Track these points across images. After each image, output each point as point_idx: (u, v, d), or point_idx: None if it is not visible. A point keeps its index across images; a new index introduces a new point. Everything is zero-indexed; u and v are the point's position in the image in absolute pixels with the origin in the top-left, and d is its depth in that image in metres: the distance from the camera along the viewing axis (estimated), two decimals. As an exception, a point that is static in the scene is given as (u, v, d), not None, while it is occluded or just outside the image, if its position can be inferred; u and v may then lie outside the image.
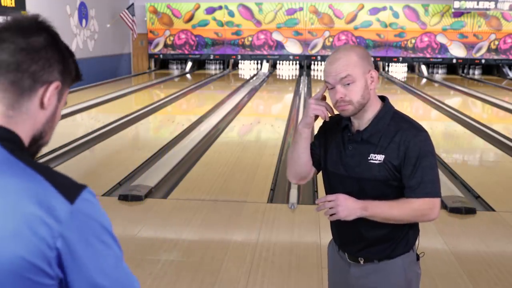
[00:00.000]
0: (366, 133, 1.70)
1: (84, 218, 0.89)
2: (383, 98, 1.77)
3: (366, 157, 1.68)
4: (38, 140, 1.00)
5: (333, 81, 1.68)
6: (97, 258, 0.90)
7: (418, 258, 1.81)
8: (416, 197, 1.63)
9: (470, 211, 4.25)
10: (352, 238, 1.77)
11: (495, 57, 16.96)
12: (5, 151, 0.90)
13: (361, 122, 1.72)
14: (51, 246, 0.85)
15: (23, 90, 0.95)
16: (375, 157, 1.67)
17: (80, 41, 13.36)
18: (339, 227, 1.82)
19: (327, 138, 1.83)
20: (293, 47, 17.27)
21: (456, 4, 16.10)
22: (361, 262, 1.77)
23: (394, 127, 1.68)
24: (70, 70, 1.03)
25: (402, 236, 1.73)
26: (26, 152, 0.97)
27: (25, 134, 0.96)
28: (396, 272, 1.75)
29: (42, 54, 0.96)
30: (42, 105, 0.97)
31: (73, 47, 11.23)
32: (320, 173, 1.88)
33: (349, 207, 1.60)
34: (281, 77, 16.41)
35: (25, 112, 0.96)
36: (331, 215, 1.64)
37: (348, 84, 1.66)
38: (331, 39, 17.09)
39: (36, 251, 0.84)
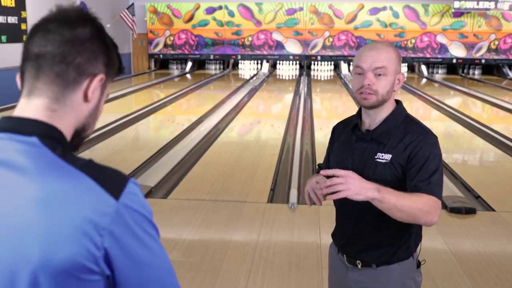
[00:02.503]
0: (376, 132, 1.70)
1: (130, 212, 0.90)
2: (397, 101, 1.77)
3: (373, 156, 1.68)
4: (81, 133, 1.00)
5: (367, 67, 1.65)
6: (144, 250, 0.91)
7: (419, 265, 1.78)
8: (424, 193, 1.59)
9: (470, 211, 4.25)
10: (353, 239, 1.76)
11: (495, 57, 16.96)
12: (47, 150, 0.90)
13: (373, 122, 1.72)
14: (99, 246, 0.87)
15: (68, 82, 0.93)
16: (382, 156, 1.66)
17: (80, 41, 13.35)
18: (341, 225, 1.82)
19: (337, 140, 1.85)
20: (293, 47, 17.27)
21: (456, 4, 16.10)
22: (359, 266, 1.75)
23: (404, 129, 1.68)
24: (114, 63, 1.02)
25: (403, 241, 1.71)
26: (69, 146, 0.96)
27: (68, 127, 0.96)
28: (393, 279, 1.72)
29: (88, 46, 0.95)
30: (86, 97, 0.96)
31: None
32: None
33: (361, 184, 1.50)
34: (281, 77, 16.41)
35: (70, 105, 0.95)
36: (336, 193, 1.50)
37: (380, 75, 1.65)
38: (331, 39, 17.09)
39: (85, 252, 0.85)
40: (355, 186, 1.48)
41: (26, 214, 0.85)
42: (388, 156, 1.65)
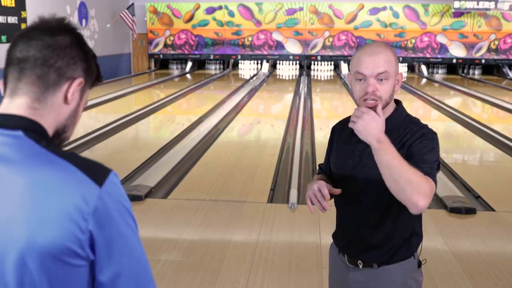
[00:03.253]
0: None
1: (112, 200, 0.95)
2: (396, 101, 1.76)
3: (373, 157, 1.64)
4: (61, 134, 1.06)
5: (369, 74, 1.62)
6: (121, 239, 0.95)
7: (420, 265, 1.78)
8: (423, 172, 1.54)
9: (470, 211, 4.25)
10: (354, 239, 1.76)
11: (495, 57, 16.96)
12: (32, 142, 0.95)
13: None
14: (84, 229, 0.91)
15: (48, 84, 1.00)
16: None
17: (80, 41, 13.35)
18: (342, 226, 1.82)
19: (337, 140, 1.85)
20: (293, 47, 17.27)
21: (456, 4, 16.10)
22: (360, 266, 1.75)
23: (404, 129, 1.68)
24: (93, 70, 1.09)
25: (404, 241, 1.71)
26: (51, 143, 1.01)
27: (49, 126, 1.02)
28: (394, 279, 1.72)
29: (68, 52, 1.02)
30: (66, 99, 1.03)
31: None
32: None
33: (368, 126, 1.51)
34: (281, 77, 16.41)
35: (50, 105, 1.01)
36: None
37: (382, 80, 1.63)
38: (331, 39, 17.08)
39: (72, 236, 0.90)
40: (362, 125, 1.52)
41: (14, 202, 0.90)
42: None
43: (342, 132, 1.82)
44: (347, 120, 1.83)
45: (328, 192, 1.67)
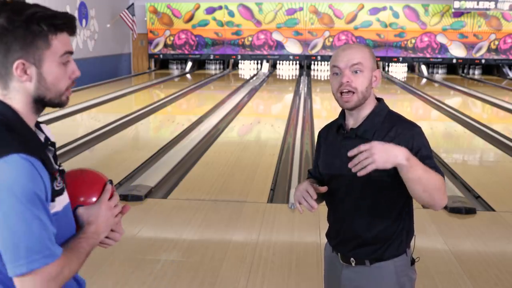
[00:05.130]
0: (360, 129, 1.72)
1: None
2: (378, 99, 1.79)
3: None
4: (43, 99, 1.24)
5: (343, 66, 1.68)
6: None
7: (413, 262, 1.79)
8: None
9: (470, 211, 4.25)
10: (346, 237, 1.77)
11: (495, 57, 16.96)
12: None
13: (357, 120, 1.74)
14: None
15: (2, 76, 1.22)
16: None
17: (80, 41, 13.36)
18: (334, 224, 1.83)
19: (323, 143, 1.87)
20: (293, 47, 17.28)
21: (456, 4, 16.10)
22: (353, 263, 1.76)
23: (388, 123, 1.70)
24: (33, 38, 1.18)
25: (395, 236, 1.72)
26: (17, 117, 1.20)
27: (21, 103, 1.22)
28: (387, 277, 1.73)
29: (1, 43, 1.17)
30: (24, 81, 1.21)
31: (73, 47, 11.44)
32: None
33: (388, 151, 1.45)
34: (281, 77, 16.41)
35: (15, 89, 1.21)
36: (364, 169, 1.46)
37: (357, 72, 1.67)
38: (331, 39, 17.09)
39: None
40: (381, 156, 1.44)
41: None
42: None
43: (328, 135, 1.85)
44: (332, 123, 1.88)
45: (314, 191, 1.71)
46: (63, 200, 1.25)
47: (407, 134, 1.65)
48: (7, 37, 1.15)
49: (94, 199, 1.36)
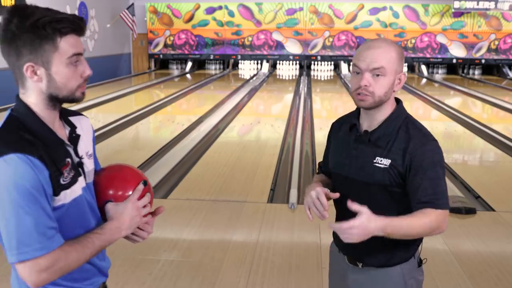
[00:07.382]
0: (375, 135, 1.65)
1: None
2: (397, 101, 1.72)
3: (371, 160, 1.63)
4: (57, 96, 1.32)
5: (364, 67, 1.59)
6: None
7: (420, 264, 1.76)
8: (432, 208, 1.57)
9: (470, 211, 4.25)
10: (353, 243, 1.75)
11: (495, 57, 16.96)
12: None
13: (372, 123, 1.67)
14: None
15: (18, 77, 1.33)
16: (381, 161, 1.61)
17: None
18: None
19: (334, 138, 1.82)
20: (293, 47, 17.27)
21: (456, 4, 16.10)
22: (360, 266, 1.74)
23: (404, 133, 1.62)
24: (41, 42, 1.26)
25: (403, 243, 1.67)
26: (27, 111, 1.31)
27: (37, 99, 1.32)
28: (395, 280, 1.71)
29: (12, 49, 1.27)
30: (36, 81, 1.31)
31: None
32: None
33: (365, 230, 1.48)
34: (281, 77, 16.41)
35: (30, 88, 1.31)
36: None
37: (378, 75, 1.59)
38: (331, 39, 17.08)
39: None
40: (358, 235, 1.48)
41: None
42: (387, 161, 1.61)
43: (341, 130, 1.79)
44: (346, 118, 1.81)
45: (326, 201, 1.64)
46: (71, 193, 1.31)
47: (418, 150, 1.59)
48: (17, 41, 1.22)
49: (126, 194, 1.38)
